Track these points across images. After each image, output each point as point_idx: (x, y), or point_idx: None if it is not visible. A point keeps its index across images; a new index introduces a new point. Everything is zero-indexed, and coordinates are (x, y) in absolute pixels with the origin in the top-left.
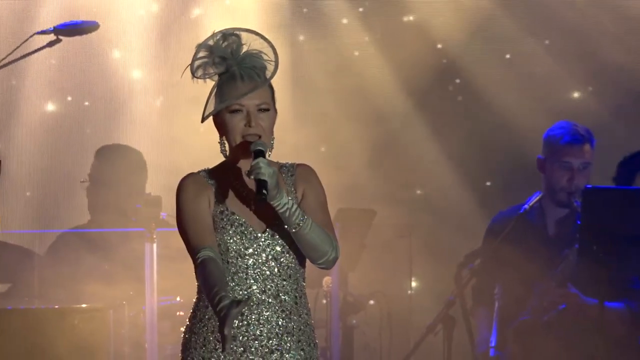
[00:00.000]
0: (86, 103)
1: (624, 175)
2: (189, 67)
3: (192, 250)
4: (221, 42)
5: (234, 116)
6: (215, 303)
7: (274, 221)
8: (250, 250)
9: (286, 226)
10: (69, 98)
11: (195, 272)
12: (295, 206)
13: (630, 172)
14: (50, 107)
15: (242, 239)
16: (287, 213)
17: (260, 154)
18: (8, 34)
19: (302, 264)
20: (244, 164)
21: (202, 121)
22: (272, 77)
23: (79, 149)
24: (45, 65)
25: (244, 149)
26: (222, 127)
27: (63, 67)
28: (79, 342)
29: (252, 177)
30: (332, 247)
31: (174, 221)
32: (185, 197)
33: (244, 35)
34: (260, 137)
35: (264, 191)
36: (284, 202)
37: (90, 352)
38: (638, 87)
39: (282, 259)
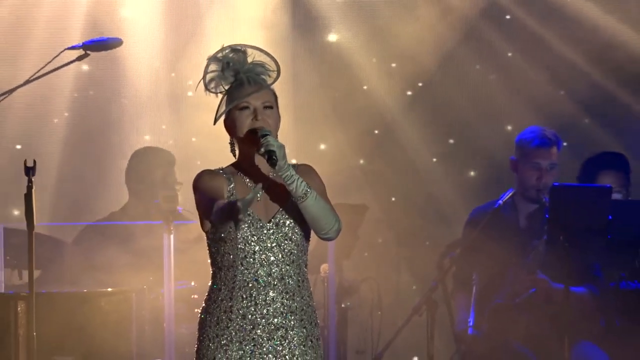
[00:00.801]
0: (112, 109)
1: (587, 174)
2: (202, 80)
3: (208, 206)
4: (229, 54)
5: (242, 113)
6: (230, 203)
7: (278, 212)
8: (256, 238)
9: (294, 198)
10: (96, 102)
11: (212, 216)
12: (301, 179)
13: (593, 171)
14: (79, 112)
15: (250, 228)
16: (295, 184)
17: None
18: (42, 49)
19: (303, 251)
20: (250, 156)
21: (215, 123)
22: (274, 82)
23: (105, 150)
24: (75, 76)
25: (251, 140)
26: (231, 127)
27: (91, 77)
28: (105, 322)
29: (262, 149)
30: (335, 218)
31: (189, 214)
32: (203, 179)
33: (249, 50)
34: None
35: (274, 157)
36: (291, 173)
37: (116, 331)
38: (600, 91)
39: (285, 246)
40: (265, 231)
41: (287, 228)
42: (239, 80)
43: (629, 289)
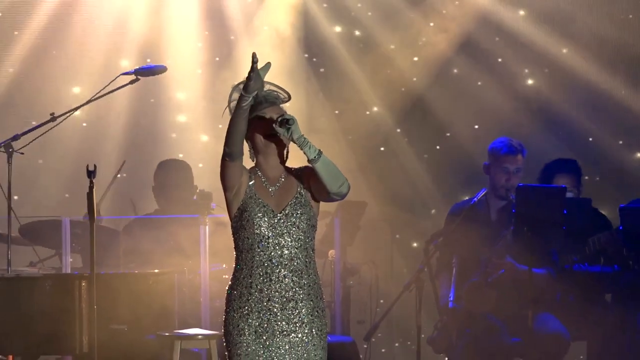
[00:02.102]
0: (155, 127)
1: (546, 176)
2: (227, 107)
3: (229, 176)
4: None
5: (260, 120)
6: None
7: (287, 205)
8: (269, 225)
9: (309, 161)
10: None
11: (227, 134)
12: (312, 144)
13: (551, 174)
14: (126, 131)
15: (264, 217)
16: (309, 147)
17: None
18: (99, 74)
19: (310, 237)
20: (266, 160)
21: None
22: (285, 102)
23: (151, 161)
24: (126, 97)
25: (266, 137)
26: (251, 136)
27: (139, 98)
28: (153, 297)
29: (279, 119)
30: (344, 177)
31: (220, 210)
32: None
33: (265, 83)
34: None
35: (290, 122)
36: (304, 138)
37: (161, 304)
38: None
39: (293, 233)
40: (276, 220)
41: (294, 218)
42: (258, 100)
43: (581, 271)
